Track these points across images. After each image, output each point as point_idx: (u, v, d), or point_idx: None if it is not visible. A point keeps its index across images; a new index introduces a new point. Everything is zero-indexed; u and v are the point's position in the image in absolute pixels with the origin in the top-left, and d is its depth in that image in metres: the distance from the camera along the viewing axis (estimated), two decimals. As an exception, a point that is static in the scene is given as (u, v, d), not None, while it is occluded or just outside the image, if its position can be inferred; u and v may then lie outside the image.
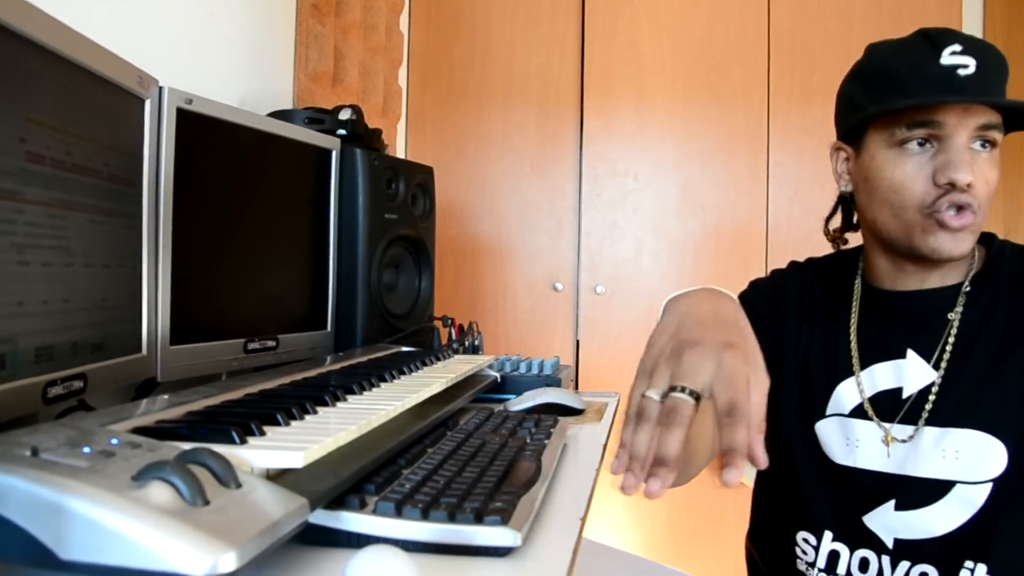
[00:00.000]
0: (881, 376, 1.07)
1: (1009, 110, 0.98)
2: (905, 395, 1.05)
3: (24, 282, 0.73)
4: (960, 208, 0.96)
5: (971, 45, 0.97)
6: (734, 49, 2.65)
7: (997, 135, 0.98)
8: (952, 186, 0.95)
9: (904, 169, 0.99)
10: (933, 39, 0.99)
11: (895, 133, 1.00)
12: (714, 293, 0.87)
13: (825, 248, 1.24)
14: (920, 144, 0.98)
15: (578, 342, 2.69)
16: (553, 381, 1.35)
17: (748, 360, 0.71)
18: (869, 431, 1.06)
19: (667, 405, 0.69)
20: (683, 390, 0.69)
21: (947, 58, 0.96)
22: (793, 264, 1.24)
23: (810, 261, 1.22)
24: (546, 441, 0.91)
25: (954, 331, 1.03)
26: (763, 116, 2.63)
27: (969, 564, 0.98)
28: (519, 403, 1.20)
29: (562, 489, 0.82)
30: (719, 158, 2.66)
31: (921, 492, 1.01)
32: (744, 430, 0.65)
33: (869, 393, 1.07)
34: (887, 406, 1.05)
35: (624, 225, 2.69)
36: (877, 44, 1.06)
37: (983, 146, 0.98)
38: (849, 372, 1.09)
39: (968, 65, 0.95)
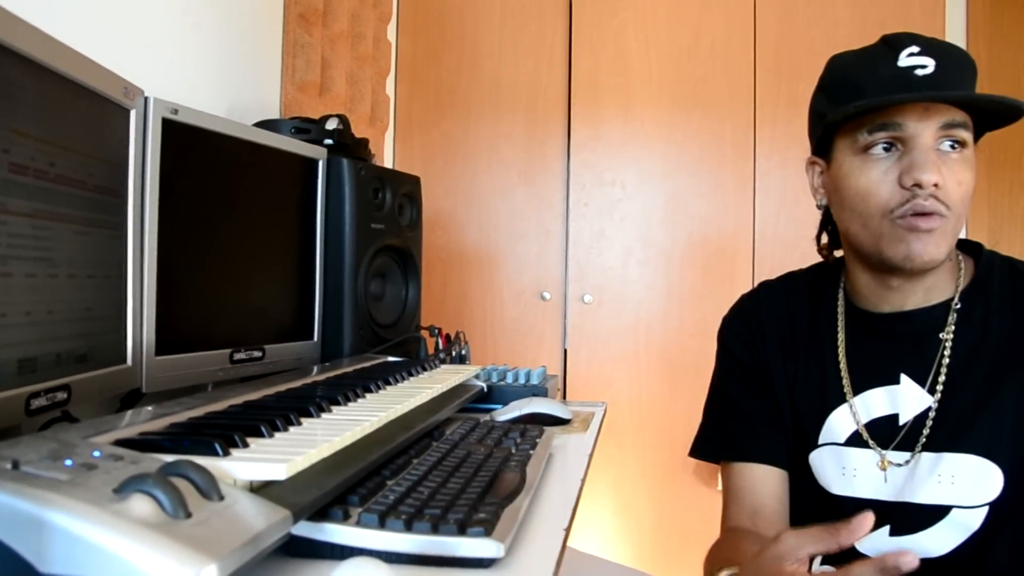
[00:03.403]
0: (875, 403, 1.04)
1: (978, 108, 0.95)
2: (901, 422, 1.02)
3: (7, 293, 0.73)
4: (928, 214, 0.93)
5: (931, 46, 0.95)
6: (720, 60, 2.67)
7: (965, 134, 0.94)
8: (919, 187, 0.92)
9: (869, 175, 0.96)
10: (891, 43, 0.97)
11: (858, 139, 0.97)
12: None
13: (813, 257, 1.20)
14: (886, 149, 0.95)
15: (566, 351, 2.69)
16: (540, 391, 1.35)
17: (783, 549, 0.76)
18: (867, 459, 1.03)
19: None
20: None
21: (904, 59, 0.94)
22: (763, 286, 1.19)
23: (782, 280, 1.18)
24: (531, 451, 0.92)
25: (947, 352, 1.00)
26: (749, 126, 2.65)
27: None
28: (505, 413, 1.20)
29: (547, 499, 0.82)
30: (706, 168, 2.67)
31: (917, 517, 0.98)
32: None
33: (864, 420, 1.04)
34: (883, 433, 1.02)
35: (611, 234, 2.69)
36: (838, 55, 1.04)
37: (952, 147, 0.94)
38: (841, 399, 1.06)
39: (927, 65, 0.93)
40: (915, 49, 0.94)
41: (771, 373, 1.12)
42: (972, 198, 0.97)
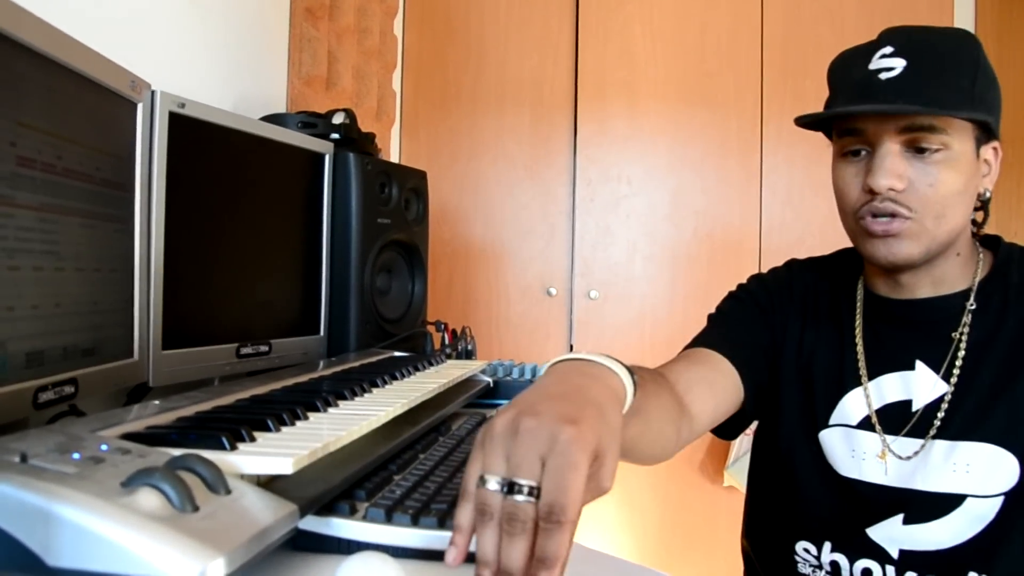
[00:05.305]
0: (889, 388, 1.04)
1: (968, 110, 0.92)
2: (914, 408, 1.01)
3: (14, 287, 0.73)
4: (883, 215, 0.94)
5: (910, 43, 0.93)
6: (727, 55, 2.66)
7: (935, 137, 0.92)
8: (874, 192, 0.94)
9: (843, 178, 0.99)
10: (876, 41, 0.96)
11: (836, 143, 1.01)
12: (591, 365, 0.70)
13: (818, 252, 1.20)
14: (855, 153, 0.97)
15: (572, 347, 2.68)
16: (545, 386, 1.34)
17: (590, 433, 0.56)
18: (875, 444, 1.02)
19: (506, 510, 0.54)
20: (520, 490, 0.54)
21: (875, 62, 0.94)
22: (793, 262, 1.20)
23: (812, 260, 1.18)
24: (537, 446, 0.91)
25: (964, 342, 1.00)
26: (756, 122, 2.64)
27: (973, 575, 0.96)
28: (511, 408, 1.20)
29: (553, 495, 0.82)
30: (712, 163, 2.67)
31: (931, 506, 0.98)
32: (564, 538, 0.52)
33: (877, 405, 1.04)
34: (896, 419, 1.02)
35: (617, 230, 2.69)
36: (843, 51, 1.03)
37: (920, 151, 0.93)
38: (857, 382, 1.06)
39: (893, 68, 0.92)
40: (888, 50, 0.94)
41: (787, 326, 1.12)
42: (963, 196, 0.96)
